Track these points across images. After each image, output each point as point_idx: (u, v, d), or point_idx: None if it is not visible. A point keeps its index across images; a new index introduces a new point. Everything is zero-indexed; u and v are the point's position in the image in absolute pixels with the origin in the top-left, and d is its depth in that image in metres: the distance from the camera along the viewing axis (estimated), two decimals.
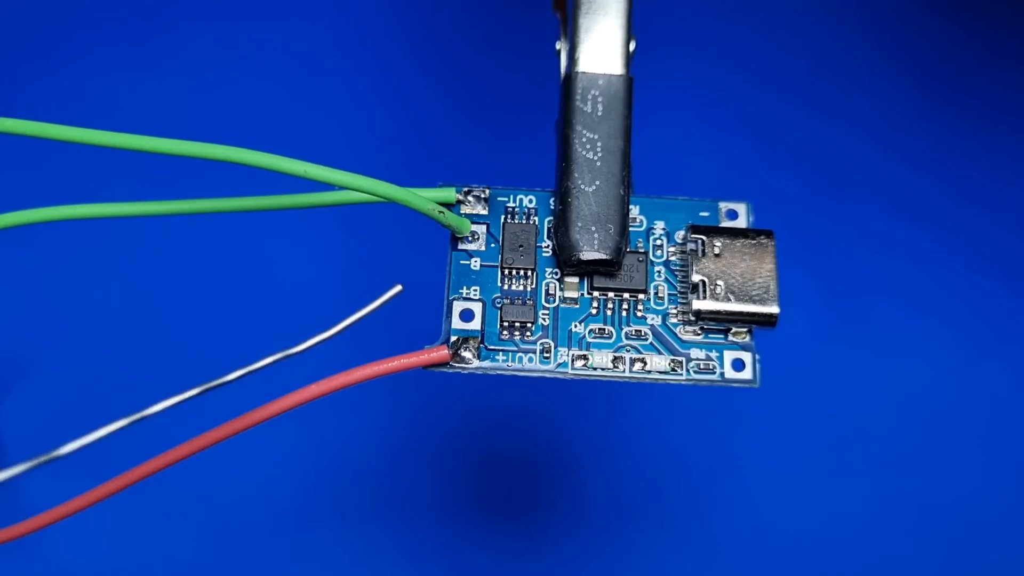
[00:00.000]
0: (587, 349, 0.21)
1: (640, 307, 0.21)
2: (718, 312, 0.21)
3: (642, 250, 0.22)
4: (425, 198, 0.20)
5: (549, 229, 0.22)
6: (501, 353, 0.21)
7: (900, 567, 0.35)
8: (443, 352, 0.20)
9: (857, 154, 0.40)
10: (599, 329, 0.21)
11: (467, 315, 0.21)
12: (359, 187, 0.19)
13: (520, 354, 0.21)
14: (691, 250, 0.21)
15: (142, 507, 0.34)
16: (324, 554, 0.34)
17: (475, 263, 0.21)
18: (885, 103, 0.41)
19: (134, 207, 0.20)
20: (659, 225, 0.22)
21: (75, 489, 0.21)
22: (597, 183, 0.21)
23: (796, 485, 0.35)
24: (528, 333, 0.21)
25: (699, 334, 0.21)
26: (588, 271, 0.21)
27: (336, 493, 0.35)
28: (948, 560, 0.35)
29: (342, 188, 0.19)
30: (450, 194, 0.22)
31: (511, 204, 0.22)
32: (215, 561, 0.34)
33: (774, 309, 0.21)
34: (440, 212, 0.20)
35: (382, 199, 0.19)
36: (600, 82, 0.21)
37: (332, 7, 0.42)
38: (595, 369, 0.21)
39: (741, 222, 0.22)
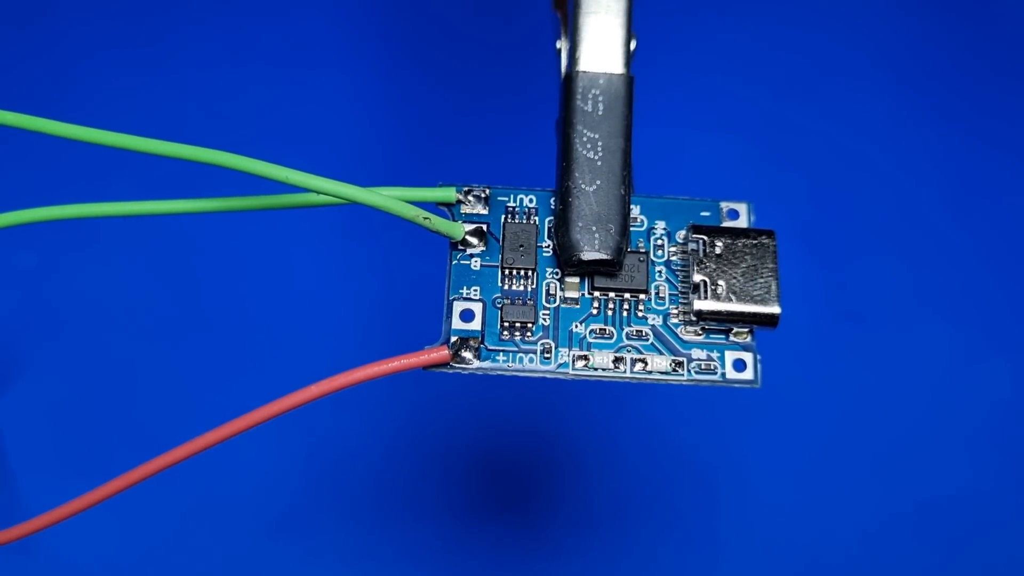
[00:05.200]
0: (588, 349, 0.21)
1: (641, 307, 0.21)
2: (719, 312, 0.21)
3: (643, 250, 0.22)
4: (408, 205, 0.20)
5: (550, 229, 0.22)
6: (501, 353, 0.21)
7: (903, 566, 0.35)
8: (443, 352, 0.20)
9: (858, 154, 0.40)
10: (600, 329, 0.21)
11: (467, 315, 0.21)
12: (342, 196, 0.19)
13: (520, 354, 0.21)
14: (692, 250, 0.21)
15: (143, 508, 0.34)
16: (324, 554, 0.34)
17: (475, 263, 0.21)
18: (887, 103, 0.41)
19: (134, 207, 0.20)
20: (660, 225, 0.22)
21: (75, 490, 0.21)
22: (598, 183, 0.21)
23: (797, 485, 0.35)
24: (529, 333, 0.21)
25: (700, 334, 0.21)
26: (589, 271, 0.21)
27: (336, 493, 0.35)
28: (950, 559, 0.35)
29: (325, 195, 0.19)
30: (450, 194, 0.22)
31: (511, 204, 0.22)
32: (215, 561, 0.34)
33: (775, 309, 0.21)
34: (425, 219, 0.20)
35: (367, 206, 0.19)
36: (601, 81, 0.21)
37: (332, 7, 0.42)
38: (596, 369, 0.21)
39: (742, 222, 0.22)
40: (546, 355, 0.21)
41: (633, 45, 0.22)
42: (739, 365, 0.21)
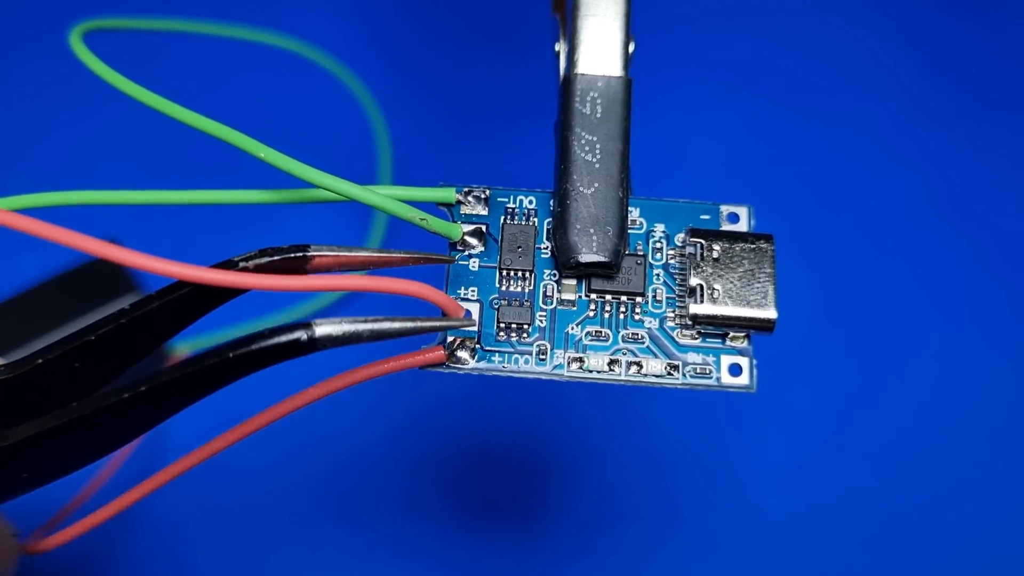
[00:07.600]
0: (583, 351, 0.21)
1: (638, 310, 0.21)
2: (715, 316, 0.21)
3: (641, 253, 0.22)
4: (405, 205, 0.20)
5: (549, 231, 0.22)
6: (497, 354, 0.21)
7: (901, 568, 0.35)
8: (439, 353, 0.20)
9: (860, 158, 0.40)
10: (596, 332, 0.21)
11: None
12: (341, 192, 0.19)
13: (516, 355, 0.21)
14: (690, 253, 0.21)
15: (142, 509, 0.34)
16: (323, 554, 0.34)
17: (473, 264, 0.21)
18: (888, 106, 0.41)
19: (130, 196, 0.20)
20: (659, 228, 0.22)
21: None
22: (596, 185, 0.21)
23: (793, 490, 0.35)
24: (525, 335, 0.21)
25: (696, 338, 0.21)
26: (586, 273, 0.21)
27: (335, 493, 0.35)
28: (950, 561, 0.35)
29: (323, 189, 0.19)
30: (450, 194, 0.22)
31: (511, 205, 0.22)
32: (215, 561, 0.34)
33: (772, 314, 0.21)
34: (422, 220, 0.20)
35: (365, 204, 0.19)
36: (599, 84, 0.21)
37: (333, 7, 0.42)
38: (591, 372, 0.21)
39: (742, 225, 0.22)
40: (542, 356, 0.21)
41: (632, 48, 0.22)
42: (735, 369, 0.21)
